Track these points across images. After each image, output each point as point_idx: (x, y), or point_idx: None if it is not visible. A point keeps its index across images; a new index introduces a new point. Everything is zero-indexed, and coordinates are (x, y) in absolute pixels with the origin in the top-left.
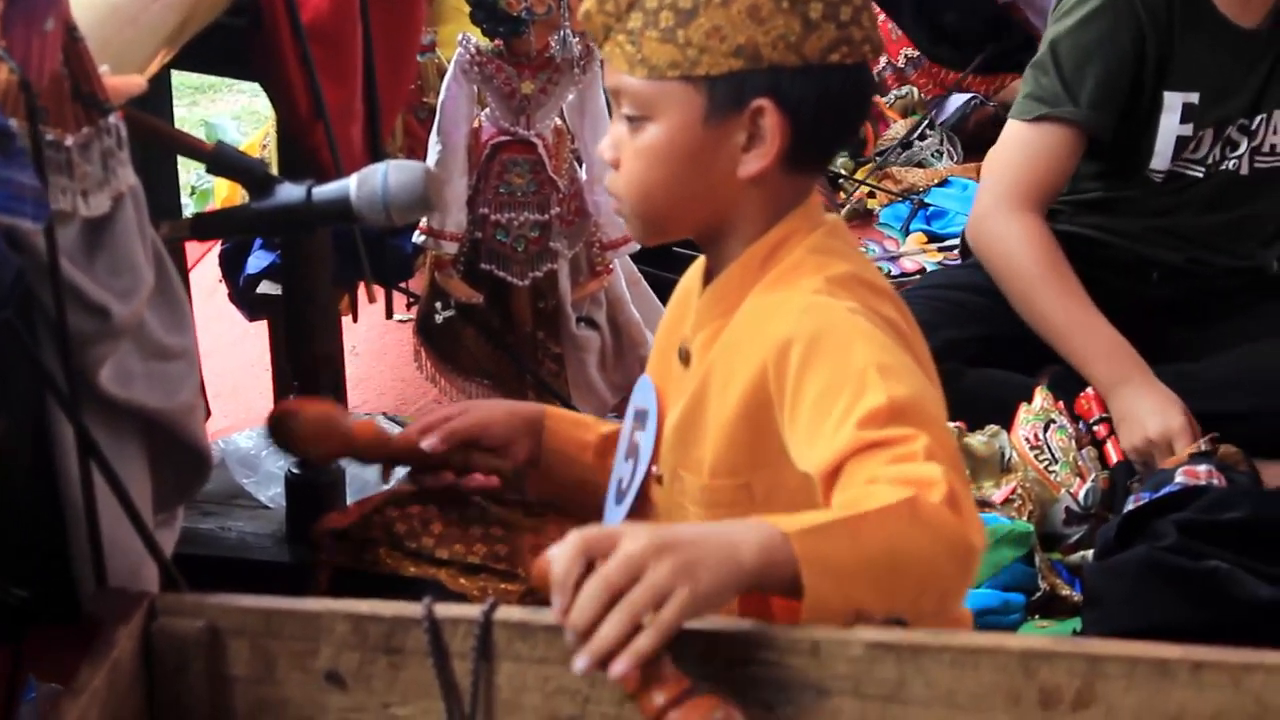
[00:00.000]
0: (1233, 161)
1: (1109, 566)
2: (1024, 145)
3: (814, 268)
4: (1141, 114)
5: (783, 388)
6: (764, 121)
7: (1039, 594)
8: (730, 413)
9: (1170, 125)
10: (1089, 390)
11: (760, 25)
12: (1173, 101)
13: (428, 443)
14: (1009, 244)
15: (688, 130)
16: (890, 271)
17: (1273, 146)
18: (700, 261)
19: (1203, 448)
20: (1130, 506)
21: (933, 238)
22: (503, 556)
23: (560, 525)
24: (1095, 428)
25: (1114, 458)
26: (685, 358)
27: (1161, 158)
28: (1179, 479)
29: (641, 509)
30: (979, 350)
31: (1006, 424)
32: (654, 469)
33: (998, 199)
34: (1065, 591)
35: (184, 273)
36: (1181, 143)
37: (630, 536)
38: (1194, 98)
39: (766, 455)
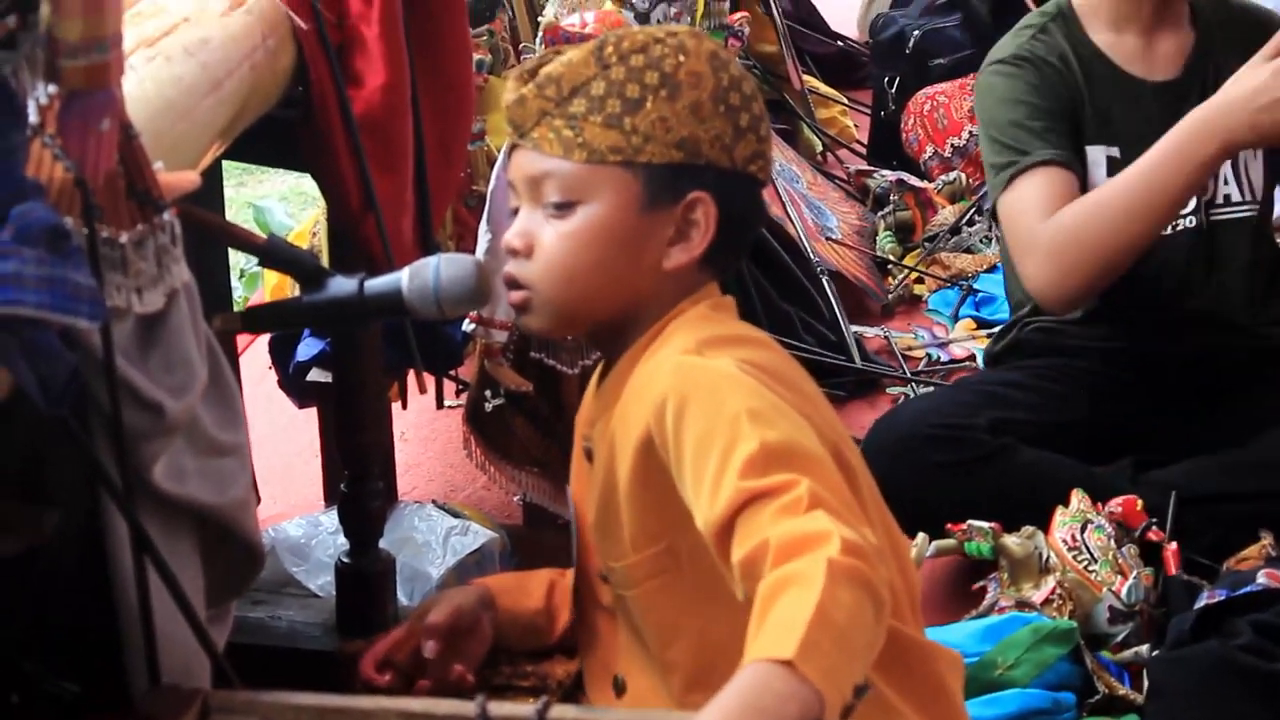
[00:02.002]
0: (1189, 219)
1: (1176, 659)
2: (1035, 191)
3: (688, 332)
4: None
5: (667, 448)
6: (697, 215)
7: (1097, 696)
8: (627, 481)
9: (1101, 179)
10: (1133, 498)
11: (701, 123)
12: (1096, 155)
13: (429, 649)
14: (1056, 236)
15: (623, 215)
16: (940, 358)
17: (1226, 197)
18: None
19: (1273, 552)
20: (1204, 602)
21: (982, 324)
22: (529, 673)
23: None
24: (1147, 533)
25: (1172, 568)
26: (589, 455)
27: None
28: (1260, 580)
29: (590, 613)
30: (1025, 433)
31: (1062, 504)
32: (599, 570)
33: (1029, 234)
34: (1122, 691)
35: (234, 358)
36: None
37: None
38: (1115, 151)
39: (679, 515)
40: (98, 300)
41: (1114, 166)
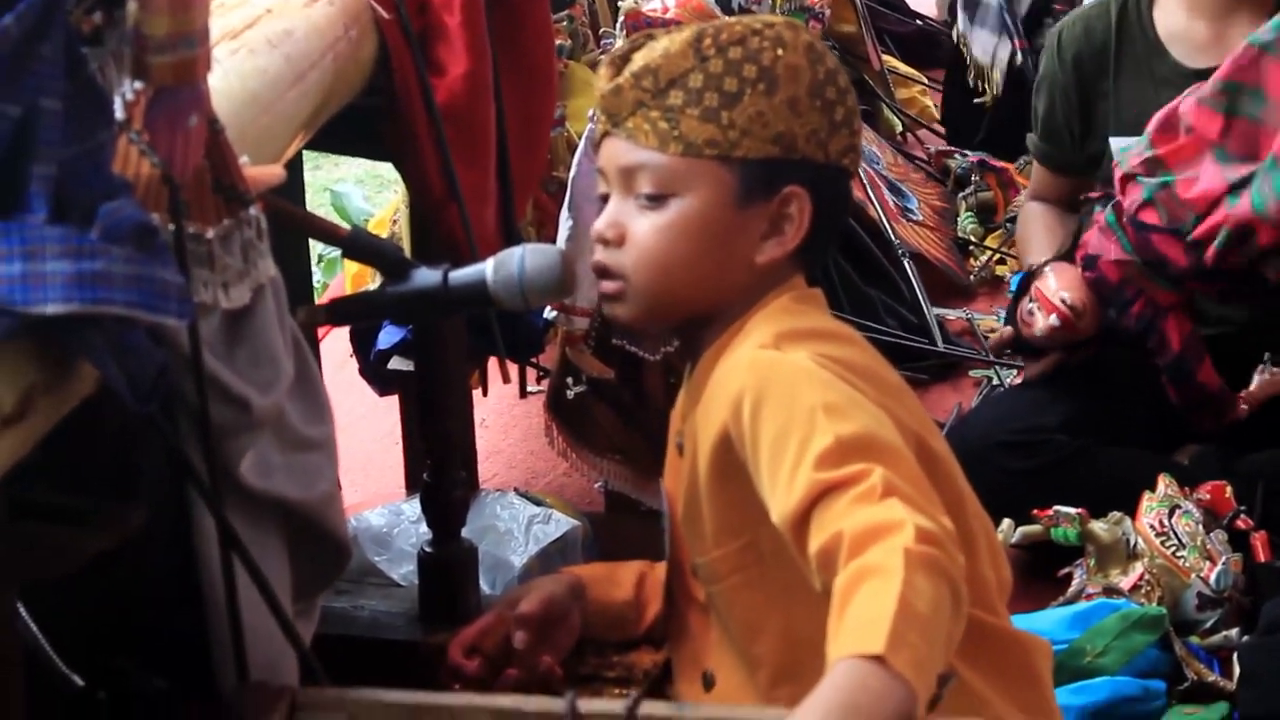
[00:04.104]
0: None
1: (1269, 645)
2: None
3: (767, 325)
4: (1104, 164)
5: (744, 443)
6: (792, 209)
7: (1186, 684)
8: (707, 477)
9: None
10: (1221, 484)
11: (799, 118)
12: (1117, 146)
13: (519, 640)
14: (1018, 225)
15: (718, 208)
16: None
17: None
18: None
19: None
20: None
21: None
22: (616, 663)
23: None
24: (1236, 521)
25: (1261, 555)
26: (680, 449)
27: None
28: None
29: (682, 607)
30: (1101, 421)
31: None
32: (691, 563)
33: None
34: (1211, 678)
35: (314, 346)
36: None
37: None
38: (1134, 142)
39: (759, 511)
40: (186, 298)
41: None
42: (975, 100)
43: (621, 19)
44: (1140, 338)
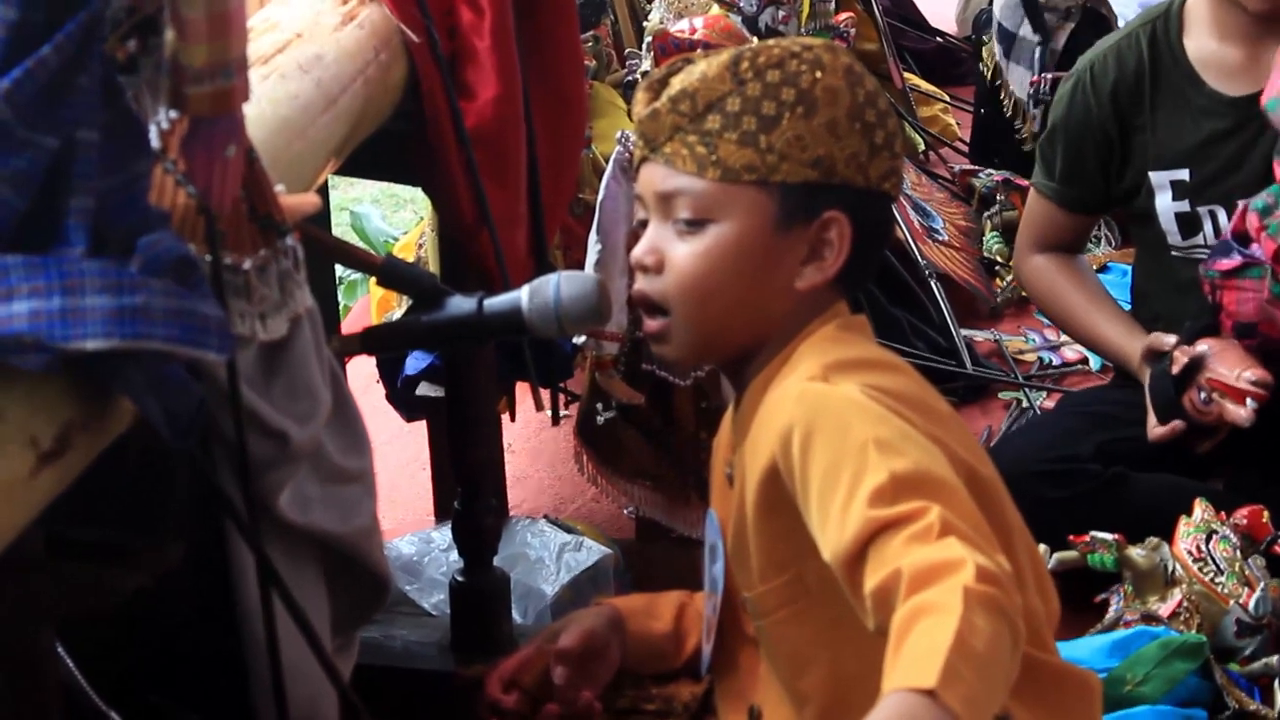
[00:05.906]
0: None
1: None
2: (1029, 207)
3: (815, 356)
4: (1140, 197)
5: (793, 478)
6: (832, 234)
7: (1227, 712)
8: (754, 510)
9: (1165, 204)
10: (1259, 508)
11: (837, 141)
12: (1160, 180)
13: (559, 675)
14: (1028, 282)
15: (757, 234)
16: (1051, 361)
17: None
18: None
19: None
20: None
21: None
22: (654, 696)
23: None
24: (1274, 546)
25: None
26: (730, 480)
27: (1174, 236)
28: None
29: (732, 641)
30: (1134, 450)
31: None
32: (742, 598)
33: (1018, 249)
34: (1253, 706)
35: None
36: (1184, 220)
37: None
38: (1183, 174)
39: (807, 545)
40: (226, 333)
41: (1180, 190)
42: (1016, 136)
43: (649, 40)
44: None
